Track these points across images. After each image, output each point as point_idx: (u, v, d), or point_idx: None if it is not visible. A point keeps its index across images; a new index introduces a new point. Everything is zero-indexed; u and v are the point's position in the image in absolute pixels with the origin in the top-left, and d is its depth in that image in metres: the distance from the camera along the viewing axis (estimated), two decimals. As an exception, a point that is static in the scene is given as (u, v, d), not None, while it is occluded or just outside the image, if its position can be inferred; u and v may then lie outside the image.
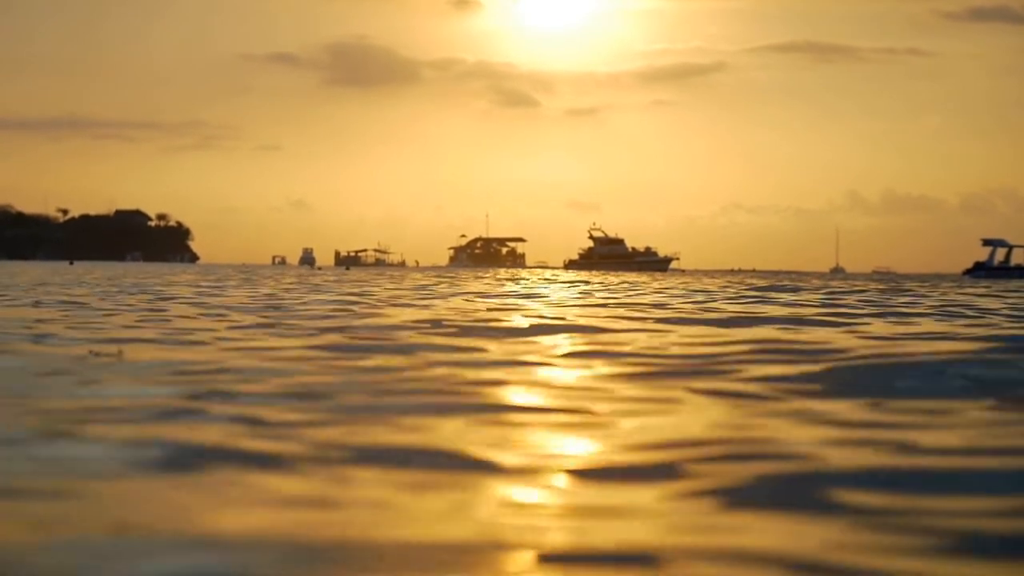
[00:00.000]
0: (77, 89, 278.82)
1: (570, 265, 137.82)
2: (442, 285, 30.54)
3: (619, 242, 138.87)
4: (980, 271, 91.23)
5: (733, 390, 5.37)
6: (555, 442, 3.93)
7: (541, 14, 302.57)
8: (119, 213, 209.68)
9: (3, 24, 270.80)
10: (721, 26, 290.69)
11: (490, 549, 2.45)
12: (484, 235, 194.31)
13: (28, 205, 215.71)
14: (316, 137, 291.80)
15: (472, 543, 2.48)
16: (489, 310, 14.52)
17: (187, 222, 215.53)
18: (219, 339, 8.48)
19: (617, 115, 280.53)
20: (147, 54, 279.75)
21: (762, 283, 39.11)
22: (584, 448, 3.84)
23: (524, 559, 2.39)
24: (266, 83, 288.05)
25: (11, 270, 47.68)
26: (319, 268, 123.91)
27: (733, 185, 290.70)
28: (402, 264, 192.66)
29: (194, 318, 11.67)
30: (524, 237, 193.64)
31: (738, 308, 15.80)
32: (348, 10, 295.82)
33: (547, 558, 2.39)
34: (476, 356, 7.18)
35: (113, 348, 7.31)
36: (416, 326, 10.40)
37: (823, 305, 17.58)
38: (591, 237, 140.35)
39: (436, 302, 17.35)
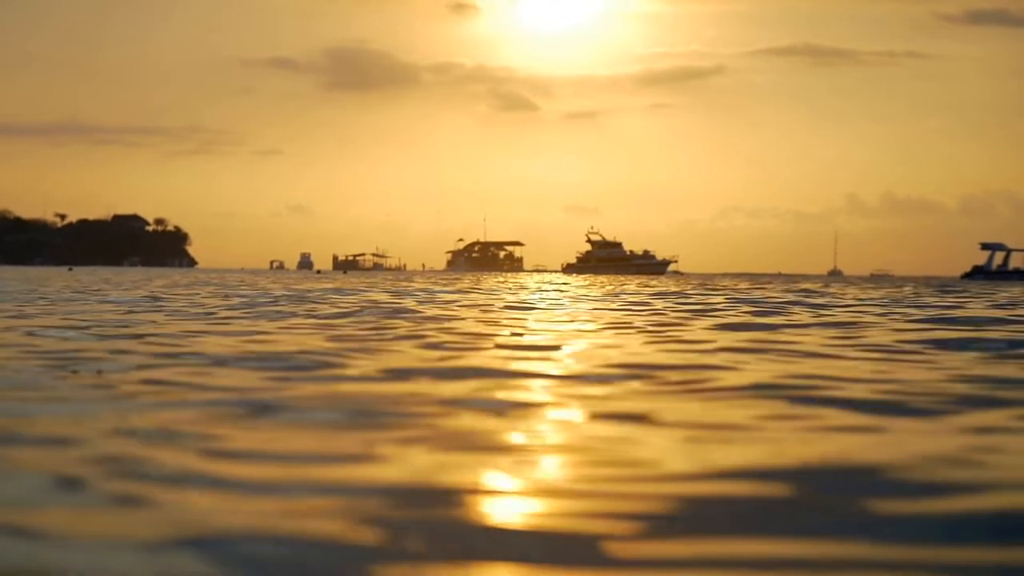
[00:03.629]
0: (76, 94, 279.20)
1: (568, 268, 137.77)
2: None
3: (617, 245, 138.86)
4: (979, 275, 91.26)
5: None
6: None
7: (539, 18, 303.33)
8: (117, 218, 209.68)
9: (2, 29, 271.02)
10: (719, 29, 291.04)
11: None
12: (482, 239, 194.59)
13: (27, 210, 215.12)
14: (315, 141, 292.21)
15: None
16: None
17: (185, 227, 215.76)
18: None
19: (616, 118, 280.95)
20: (146, 59, 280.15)
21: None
22: None
23: None
24: (265, 87, 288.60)
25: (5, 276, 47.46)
26: (318, 272, 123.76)
27: (732, 188, 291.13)
28: (402, 268, 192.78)
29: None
30: (522, 241, 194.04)
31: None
32: (347, 14, 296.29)
33: None
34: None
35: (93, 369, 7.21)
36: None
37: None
38: (589, 240, 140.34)
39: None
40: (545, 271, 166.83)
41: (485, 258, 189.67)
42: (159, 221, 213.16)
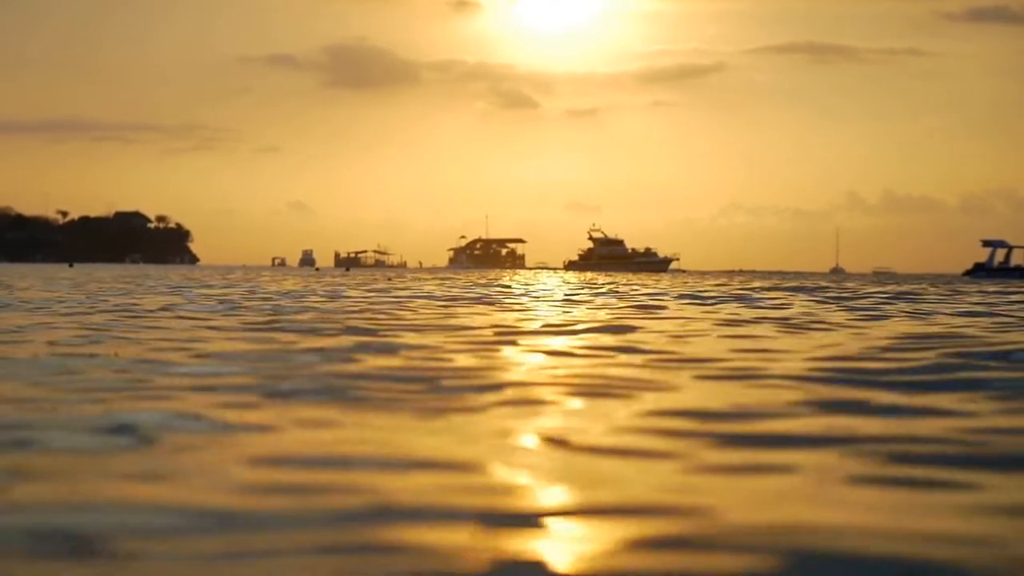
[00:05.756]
0: (76, 91, 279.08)
1: (570, 266, 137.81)
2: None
3: (619, 243, 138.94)
4: (980, 272, 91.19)
5: None
6: None
7: (540, 15, 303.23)
8: (119, 215, 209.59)
9: (2, 26, 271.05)
10: (720, 27, 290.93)
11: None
12: (484, 236, 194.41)
13: (28, 207, 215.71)
14: (315, 139, 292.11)
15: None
16: None
17: (187, 224, 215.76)
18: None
19: (616, 116, 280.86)
20: (146, 56, 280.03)
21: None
22: None
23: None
24: (265, 85, 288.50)
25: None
26: (317, 269, 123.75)
27: (732, 186, 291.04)
28: (403, 265, 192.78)
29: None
30: (524, 238, 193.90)
31: None
32: (347, 11, 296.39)
33: None
34: None
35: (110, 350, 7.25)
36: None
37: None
38: (591, 238, 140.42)
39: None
40: (547, 268, 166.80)
41: (487, 255, 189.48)
42: (160, 218, 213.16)
